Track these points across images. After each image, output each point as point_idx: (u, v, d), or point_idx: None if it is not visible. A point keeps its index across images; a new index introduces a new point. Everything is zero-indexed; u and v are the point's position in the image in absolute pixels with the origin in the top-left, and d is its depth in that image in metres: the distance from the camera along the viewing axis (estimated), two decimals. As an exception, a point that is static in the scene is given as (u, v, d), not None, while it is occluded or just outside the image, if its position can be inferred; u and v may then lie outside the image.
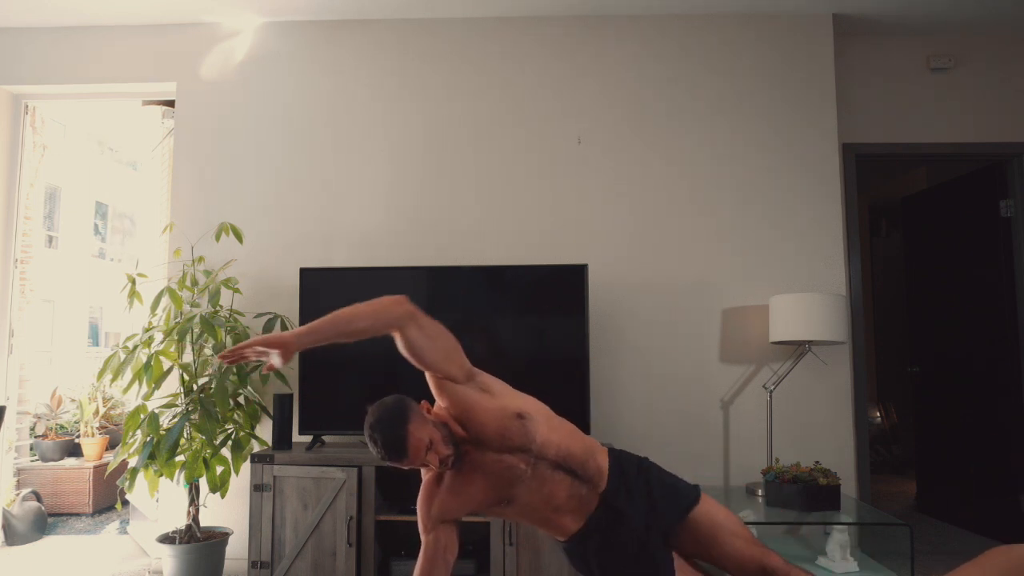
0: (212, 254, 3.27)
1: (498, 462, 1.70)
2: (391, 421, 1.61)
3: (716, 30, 3.43)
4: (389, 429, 1.61)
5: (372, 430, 1.63)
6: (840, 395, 3.25)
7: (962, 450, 3.99)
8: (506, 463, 1.69)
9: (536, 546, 2.70)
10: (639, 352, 3.29)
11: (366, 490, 2.75)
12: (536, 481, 1.71)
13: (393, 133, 3.44)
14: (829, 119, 3.37)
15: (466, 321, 3.05)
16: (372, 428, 1.63)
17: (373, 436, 1.62)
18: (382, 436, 1.61)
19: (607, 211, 3.36)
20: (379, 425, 1.62)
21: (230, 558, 3.06)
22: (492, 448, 1.70)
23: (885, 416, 6.00)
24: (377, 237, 3.38)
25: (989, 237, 3.79)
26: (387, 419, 1.62)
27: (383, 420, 1.62)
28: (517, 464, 1.69)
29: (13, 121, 3.69)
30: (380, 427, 1.61)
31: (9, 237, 3.66)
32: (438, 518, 1.76)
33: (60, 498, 4.29)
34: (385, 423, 1.62)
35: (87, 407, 4.59)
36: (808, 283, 3.29)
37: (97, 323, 16.81)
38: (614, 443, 3.20)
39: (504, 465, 1.69)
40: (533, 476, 1.70)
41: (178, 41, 3.52)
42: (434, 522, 1.76)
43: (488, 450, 1.70)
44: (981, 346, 3.85)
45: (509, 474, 1.69)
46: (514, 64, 3.45)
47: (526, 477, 1.70)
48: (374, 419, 1.64)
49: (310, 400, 3.03)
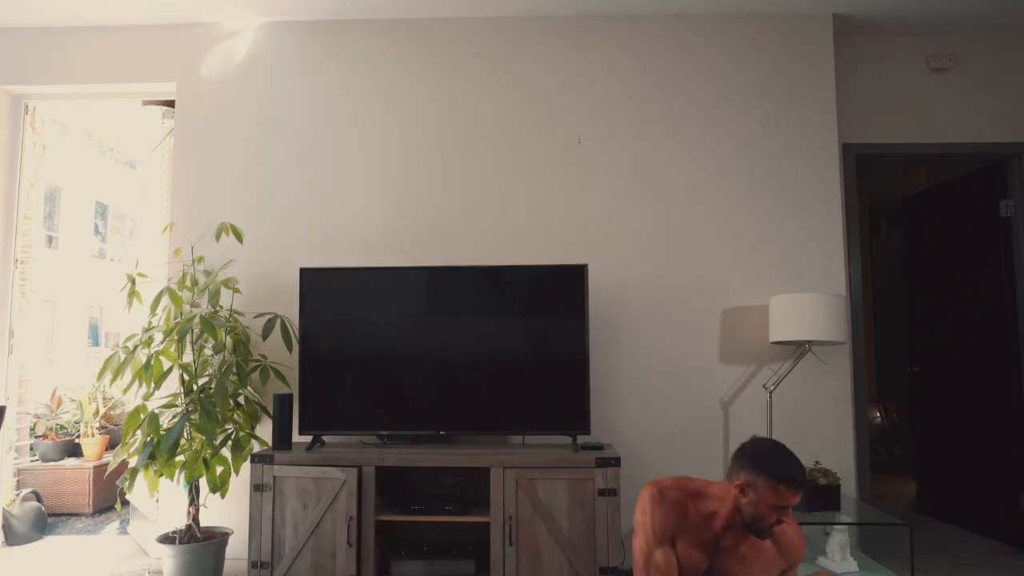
0: (212, 254, 3.27)
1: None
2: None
3: (716, 30, 3.44)
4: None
5: (790, 454, 1.85)
6: (840, 395, 3.25)
7: (962, 450, 3.99)
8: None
9: (536, 547, 2.70)
10: (639, 352, 3.29)
11: (366, 490, 2.75)
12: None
13: (393, 133, 3.44)
14: (829, 119, 3.37)
15: (466, 321, 3.05)
16: (787, 452, 1.86)
17: (790, 453, 1.85)
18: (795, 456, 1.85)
19: (607, 211, 3.36)
20: (789, 450, 1.87)
21: (230, 558, 3.06)
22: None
23: (885, 416, 6.00)
24: (377, 237, 3.39)
25: (989, 237, 3.79)
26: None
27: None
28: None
29: (13, 121, 3.69)
30: (790, 451, 1.87)
31: (9, 237, 3.66)
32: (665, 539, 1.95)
33: (60, 498, 4.29)
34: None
35: (87, 407, 4.59)
36: (808, 283, 3.29)
37: (97, 323, 16.82)
38: (614, 443, 3.21)
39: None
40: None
41: (178, 41, 3.52)
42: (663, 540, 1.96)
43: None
44: (981, 346, 3.85)
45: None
46: (514, 64, 3.45)
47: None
48: (779, 447, 1.87)
49: (310, 400, 3.03)
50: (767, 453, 1.83)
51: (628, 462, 3.16)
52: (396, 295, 3.07)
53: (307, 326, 3.05)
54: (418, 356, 3.03)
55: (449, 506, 2.82)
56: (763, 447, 1.86)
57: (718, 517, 1.88)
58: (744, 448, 1.88)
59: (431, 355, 3.03)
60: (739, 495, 1.83)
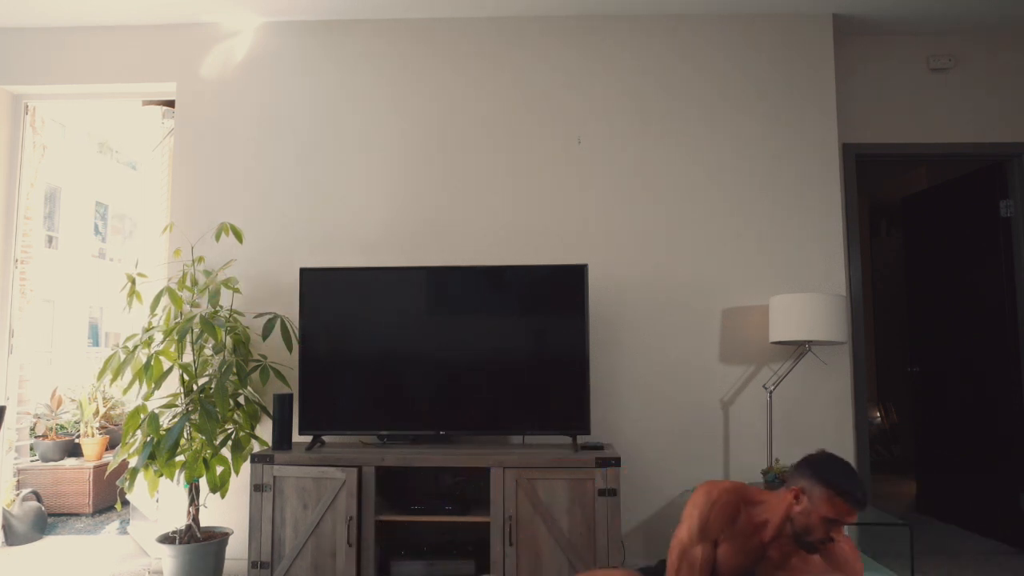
0: (212, 254, 3.27)
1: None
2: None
3: (716, 30, 3.44)
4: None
5: (854, 473, 1.84)
6: (840, 395, 3.25)
7: (962, 450, 3.99)
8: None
9: (536, 547, 2.70)
10: (639, 352, 3.29)
11: (366, 490, 2.75)
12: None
13: (393, 133, 3.44)
14: (829, 119, 3.37)
15: (466, 321, 3.05)
16: (852, 471, 1.84)
17: (855, 473, 1.84)
18: (860, 477, 1.84)
19: (607, 211, 3.36)
20: (854, 470, 1.85)
21: (230, 558, 3.06)
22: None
23: (885, 416, 6.00)
24: (377, 237, 3.39)
25: (989, 237, 3.79)
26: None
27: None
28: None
29: (13, 121, 3.69)
30: (855, 471, 1.85)
31: (9, 237, 3.66)
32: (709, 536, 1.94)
33: (60, 498, 4.29)
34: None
35: (87, 407, 4.59)
36: (808, 283, 3.29)
37: (97, 323, 16.82)
38: (614, 443, 3.21)
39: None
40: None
41: (178, 41, 3.52)
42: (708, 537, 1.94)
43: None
44: (981, 346, 3.85)
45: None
46: (514, 65, 3.45)
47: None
48: (847, 465, 1.86)
49: (310, 400, 3.03)
50: (831, 463, 1.81)
51: (628, 462, 3.16)
52: (396, 295, 3.07)
53: (307, 326, 3.05)
54: (418, 356, 3.03)
55: (449, 506, 2.82)
56: (829, 458, 1.83)
57: (768, 526, 1.85)
58: (810, 456, 1.86)
59: (431, 355, 3.03)
60: (793, 502, 1.81)
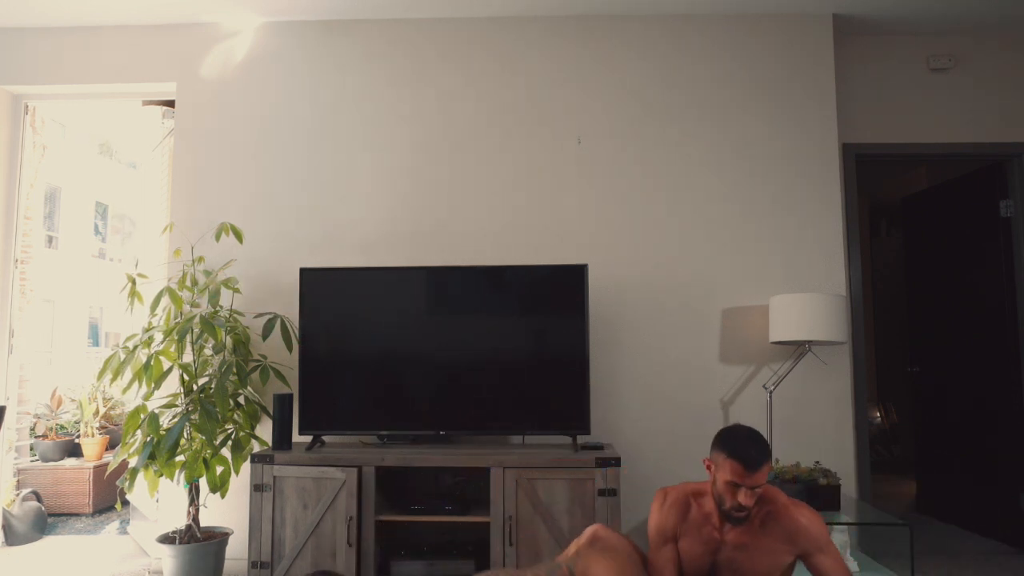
0: (212, 254, 3.27)
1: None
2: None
3: (716, 30, 3.44)
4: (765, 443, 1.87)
5: (755, 437, 1.86)
6: (840, 395, 3.25)
7: (962, 450, 3.99)
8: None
9: (536, 547, 2.70)
10: (639, 352, 3.29)
11: (366, 490, 2.75)
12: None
13: (393, 133, 3.44)
14: (829, 119, 3.37)
15: (466, 321, 3.05)
16: (754, 435, 1.86)
17: (757, 438, 1.85)
18: (762, 442, 1.86)
19: (607, 211, 3.36)
20: (758, 436, 1.87)
21: (230, 558, 3.06)
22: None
23: (885, 416, 6.00)
24: (377, 237, 3.39)
25: (989, 237, 3.79)
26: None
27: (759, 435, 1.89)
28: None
29: (13, 121, 3.69)
30: (759, 437, 1.87)
31: (9, 237, 3.66)
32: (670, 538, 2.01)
33: (60, 498, 4.29)
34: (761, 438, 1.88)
35: (87, 407, 4.59)
36: (808, 283, 3.29)
37: (97, 323, 16.82)
38: (614, 443, 3.21)
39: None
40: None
41: (178, 41, 3.52)
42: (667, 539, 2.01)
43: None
44: (981, 346, 3.85)
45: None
46: (515, 64, 3.45)
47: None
48: (750, 431, 1.89)
49: (310, 400, 3.03)
50: (732, 431, 1.90)
51: (628, 462, 3.16)
52: (396, 295, 3.07)
53: (307, 326, 3.05)
54: (418, 356, 3.03)
55: (449, 506, 2.82)
56: (733, 427, 1.92)
57: (713, 510, 1.94)
58: (720, 430, 1.95)
59: (431, 355, 3.02)
60: (712, 477, 1.90)
